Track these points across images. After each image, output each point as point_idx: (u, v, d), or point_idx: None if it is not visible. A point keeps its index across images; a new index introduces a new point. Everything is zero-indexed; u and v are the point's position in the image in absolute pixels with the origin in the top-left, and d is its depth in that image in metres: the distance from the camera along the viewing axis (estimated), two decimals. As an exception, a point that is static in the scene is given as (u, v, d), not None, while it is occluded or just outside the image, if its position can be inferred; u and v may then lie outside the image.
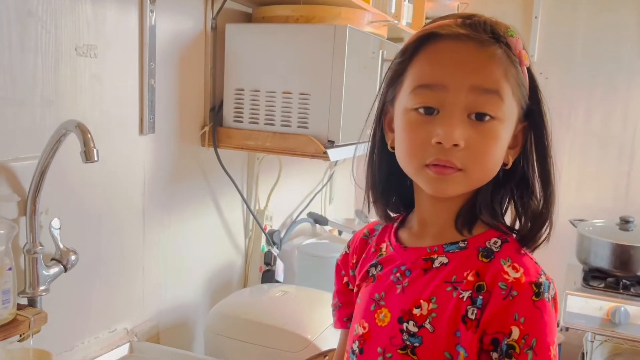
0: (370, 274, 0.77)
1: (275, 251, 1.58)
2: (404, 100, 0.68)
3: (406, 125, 0.68)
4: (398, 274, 0.72)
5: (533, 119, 0.69)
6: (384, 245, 0.78)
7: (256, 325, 1.25)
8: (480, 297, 0.65)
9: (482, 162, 0.66)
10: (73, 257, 0.99)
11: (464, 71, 0.64)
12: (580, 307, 1.76)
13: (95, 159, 0.84)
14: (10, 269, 0.86)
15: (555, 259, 1.31)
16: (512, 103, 0.66)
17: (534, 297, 0.63)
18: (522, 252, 0.69)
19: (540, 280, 0.65)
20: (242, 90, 1.37)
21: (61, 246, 0.98)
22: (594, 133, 2.23)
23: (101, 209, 1.11)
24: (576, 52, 2.21)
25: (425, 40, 0.67)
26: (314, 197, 1.96)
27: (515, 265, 0.66)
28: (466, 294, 0.66)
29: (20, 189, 0.93)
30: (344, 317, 0.86)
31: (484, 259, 0.68)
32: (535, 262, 0.68)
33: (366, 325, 0.73)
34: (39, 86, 0.96)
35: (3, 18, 0.89)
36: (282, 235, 1.66)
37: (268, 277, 1.57)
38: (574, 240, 1.96)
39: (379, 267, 0.76)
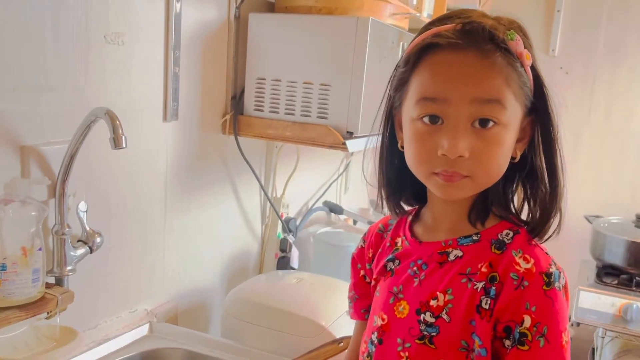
0: (388, 269, 0.79)
1: (290, 238, 1.60)
2: (410, 109, 0.70)
3: (413, 135, 0.70)
4: (415, 268, 0.75)
5: (539, 114, 0.70)
6: (399, 240, 0.80)
7: (272, 311, 1.28)
8: (494, 287, 0.67)
9: (488, 168, 0.68)
10: (98, 239, 1.02)
11: (464, 84, 0.65)
12: (592, 303, 1.77)
13: (124, 145, 0.86)
14: (40, 249, 0.90)
15: (569, 254, 1.32)
16: (515, 106, 0.67)
17: (544, 287, 0.66)
18: (533, 243, 0.71)
19: (551, 270, 0.67)
20: (264, 79, 1.39)
21: (87, 228, 1.01)
22: (613, 128, 2.21)
23: (125, 193, 1.14)
24: (598, 47, 2.19)
25: (426, 50, 0.67)
26: (329, 186, 1.98)
27: (526, 256, 0.68)
28: (480, 285, 0.68)
29: (50, 172, 0.96)
30: (361, 309, 0.88)
31: (497, 251, 0.70)
32: (546, 253, 0.70)
33: (385, 317, 0.76)
34: (70, 73, 0.99)
35: (38, 9, 0.92)
36: (297, 222, 1.68)
37: (283, 263, 1.59)
38: (588, 236, 1.96)
39: (397, 261, 0.78)
